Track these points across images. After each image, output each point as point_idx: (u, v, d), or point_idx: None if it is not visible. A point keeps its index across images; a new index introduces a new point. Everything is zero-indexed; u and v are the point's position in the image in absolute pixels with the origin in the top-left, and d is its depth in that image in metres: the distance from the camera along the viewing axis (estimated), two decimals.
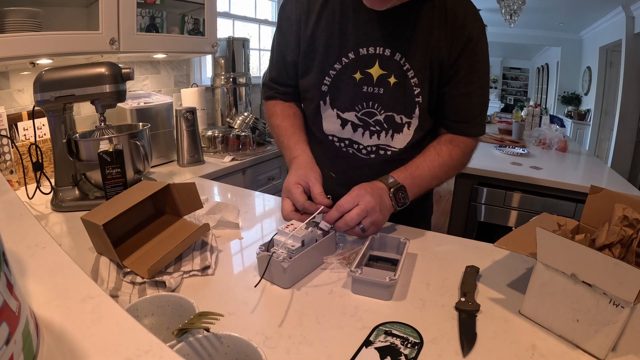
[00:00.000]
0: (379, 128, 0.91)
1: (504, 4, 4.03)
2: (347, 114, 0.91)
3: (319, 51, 0.89)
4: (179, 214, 0.83)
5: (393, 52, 0.84)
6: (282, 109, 1.00)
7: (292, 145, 0.92)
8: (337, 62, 0.87)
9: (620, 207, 0.54)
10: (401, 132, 0.91)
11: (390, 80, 0.86)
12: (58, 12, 1.42)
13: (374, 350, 0.53)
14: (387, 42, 0.84)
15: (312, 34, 0.89)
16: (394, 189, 0.81)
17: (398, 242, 0.78)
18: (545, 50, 7.55)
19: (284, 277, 0.67)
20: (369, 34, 0.84)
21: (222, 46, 2.19)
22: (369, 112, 0.90)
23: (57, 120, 1.07)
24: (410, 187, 0.83)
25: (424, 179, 0.86)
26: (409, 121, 0.90)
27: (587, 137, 5.54)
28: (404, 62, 0.85)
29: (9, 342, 0.26)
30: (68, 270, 0.44)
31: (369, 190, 0.78)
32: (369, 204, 0.76)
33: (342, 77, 0.88)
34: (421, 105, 0.88)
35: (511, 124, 2.88)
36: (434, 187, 0.93)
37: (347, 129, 0.93)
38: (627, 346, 0.53)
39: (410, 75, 0.86)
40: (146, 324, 0.53)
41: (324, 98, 0.92)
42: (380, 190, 0.80)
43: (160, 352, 0.31)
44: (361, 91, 0.88)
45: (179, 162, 1.66)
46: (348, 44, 0.86)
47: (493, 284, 0.69)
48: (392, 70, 0.86)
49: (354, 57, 0.86)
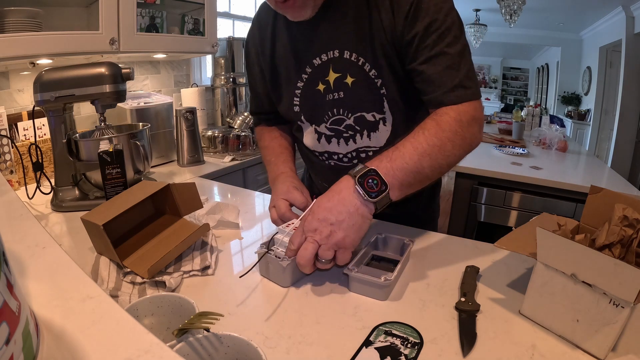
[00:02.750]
0: (352, 132, 0.86)
1: (504, 4, 4.04)
2: (320, 127, 0.89)
3: (282, 75, 0.89)
4: (179, 214, 0.83)
5: (341, 51, 0.80)
6: (269, 131, 1.03)
7: (280, 163, 0.93)
8: (299, 80, 0.86)
9: (620, 207, 0.54)
10: (377, 130, 0.85)
11: (348, 81, 0.81)
12: (58, 12, 1.42)
13: (374, 350, 0.53)
14: (333, 44, 0.80)
15: (272, 62, 0.90)
16: (359, 177, 0.65)
17: (402, 243, 0.77)
18: (545, 50, 7.54)
19: (284, 276, 0.67)
20: (315, 43, 0.82)
21: (222, 46, 2.19)
22: (338, 119, 0.86)
23: (57, 120, 1.07)
24: (389, 170, 0.66)
25: (407, 158, 0.68)
26: (382, 117, 0.84)
27: (587, 137, 5.54)
28: (355, 57, 0.79)
29: (9, 342, 0.26)
30: (68, 270, 0.44)
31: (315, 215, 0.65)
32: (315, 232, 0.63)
33: (308, 93, 0.86)
34: (388, 96, 0.81)
35: (511, 124, 2.88)
36: (430, 169, 0.70)
37: (322, 142, 0.91)
38: (627, 346, 0.53)
39: (367, 68, 0.79)
40: (146, 324, 0.53)
41: (299, 118, 0.91)
42: (336, 198, 0.65)
43: (160, 352, 0.31)
44: (325, 101, 0.85)
45: (179, 162, 1.66)
46: (303, 59, 0.84)
47: (493, 284, 0.69)
48: (346, 70, 0.81)
49: (312, 70, 0.84)
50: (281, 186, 0.85)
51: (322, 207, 0.65)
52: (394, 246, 0.78)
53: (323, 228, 0.64)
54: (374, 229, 0.86)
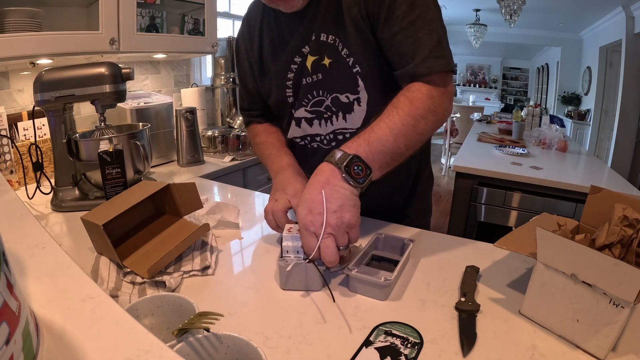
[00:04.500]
0: (329, 113, 0.87)
1: (504, 4, 4.04)
2: (299, 112, 0.89)
3: (272, 69, 0.89)
4: (179, 214, 0.83)
5: (317, 34, 0.81)
6: (264, 128, 1.02)
7: (283, 155, 0.92)
8: (289, 72, 0.87)
9: (620, 207, 0.54)
10: (352, 111, 0.84)
11: (325, 63, 0.82)
12: (58, 12, 1.42)
13: (374, 350, 0.53)
14: (312, 28, 0.81)
15: (260, 56, 0.91)
16: (345, 164, 0.66)
17: (403, 243, 0.77)
18: (545, 50, 7.55)
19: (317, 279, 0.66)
20: (302, 32, 0.83)
21: (222, 46, 2.19)
22: (318, 100, 0.86)
23: (57, 120, 1.07)
24: (369, 154, 0.68)
25: (384, 140, 0.70)
26: (357, 97, 0.83)
27: (587, 137, 5.54)
28: (332, 39, 0.79)
29: (9, 342, 0.26)
30: (68, 270, 0.44)
31: (311, 210, 0.65)
32: (326, 227, 0.63)
33: (300, 82, 0.87)
34: (362, 73, 0.80)
35: (511, 124, 2.89)
36: (406, 148, 0.73)
37: (303, 126, 0.91)
38: (627, 346, 0.53)
39: (340, 48, 0.79)
40: (146, 324, 0.53)
41: (294, 107, 0.91)
42: (328, 188, 0.66)
43: (160, 352, 0.31)
44: (304, 84, 0.86)
45: (179, 162, 1.66)
46: (291, 49, 0.85)
47: (493, 284, 0.69)
48: (323, 52, 0.81)
49: (301, 59, 0.85)
50: (289, 187, 0.81)
51: (316, 202, 0.65)
52: (394, 246, 0.78)
53: (330, 219, 0.64)
54: (374, 229, 0.86)
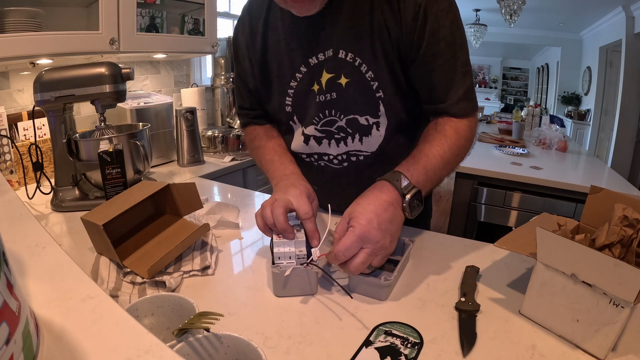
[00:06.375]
0: (343, 134, 0.84)
1: (504, 4, 4.04)
2: (308, 129, 0.86)
3: (273, 73, 0.85)
4: (179, 214, 0.83)
5: (336, 50, 0.77)
6: (265, 131, 0.95)
7: (286, 162, 0.87)
8: (292, 80, 0.83)
9: (620, 207, 0.54)
10: (369, 134, 0.82)
11: (342, 82, 0.79)
12: (58, 12, 1.42)
13: (374, 350, 0.53)
14: (328, 42, 0.77)
15: (262, 58, 0.85)
16: (410, 196, 0.67)
17: (402, 243, 0.76)
18: (545, 50, 7.54)
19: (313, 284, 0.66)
20: (312, 41, 0.78)
21: (222, 46, 2.19)
22: (329, 120, 0.83)
23: (57, 120, 1.07)
24: (424, 187, 0.70)
25: (437, 170, 0.72)
26: (376, 121, 0.81)
27: (587, 137, 5.54)
28: (351, 57, 0.76)
29: (9, 342, 0.26)
30: (68, 270, 0.44)
31: (374, 223, 0.62)
32: (377, 244, 0.61)
33: (302, 93, 0.83)
34: (384, 99, 0.79)
35: (511, 124, 2.88)
36: (447, 175, 0.78)
37: (311, 144, 0.87)
38: (627, 346, 0.53)
39: (364, 69, 0.76)
40: (146, 324, 0.53)
41: (292, 118, 0.88)
42: (392, 209, 0.65)
43: (160, 352, 0.31)
44: (316, 102, 0.82)
45: (179, 162, 1.66)
46: (297, 58, 0.80)
47: (493, 284, 0.69)
48: (340, 70, 0.78)
49: (306, 70, 0.81)
50: (293, 189, 0.74)
51: (382, 218, 0.63)
52: None
53: (385, 239, 0.63)
54: None
